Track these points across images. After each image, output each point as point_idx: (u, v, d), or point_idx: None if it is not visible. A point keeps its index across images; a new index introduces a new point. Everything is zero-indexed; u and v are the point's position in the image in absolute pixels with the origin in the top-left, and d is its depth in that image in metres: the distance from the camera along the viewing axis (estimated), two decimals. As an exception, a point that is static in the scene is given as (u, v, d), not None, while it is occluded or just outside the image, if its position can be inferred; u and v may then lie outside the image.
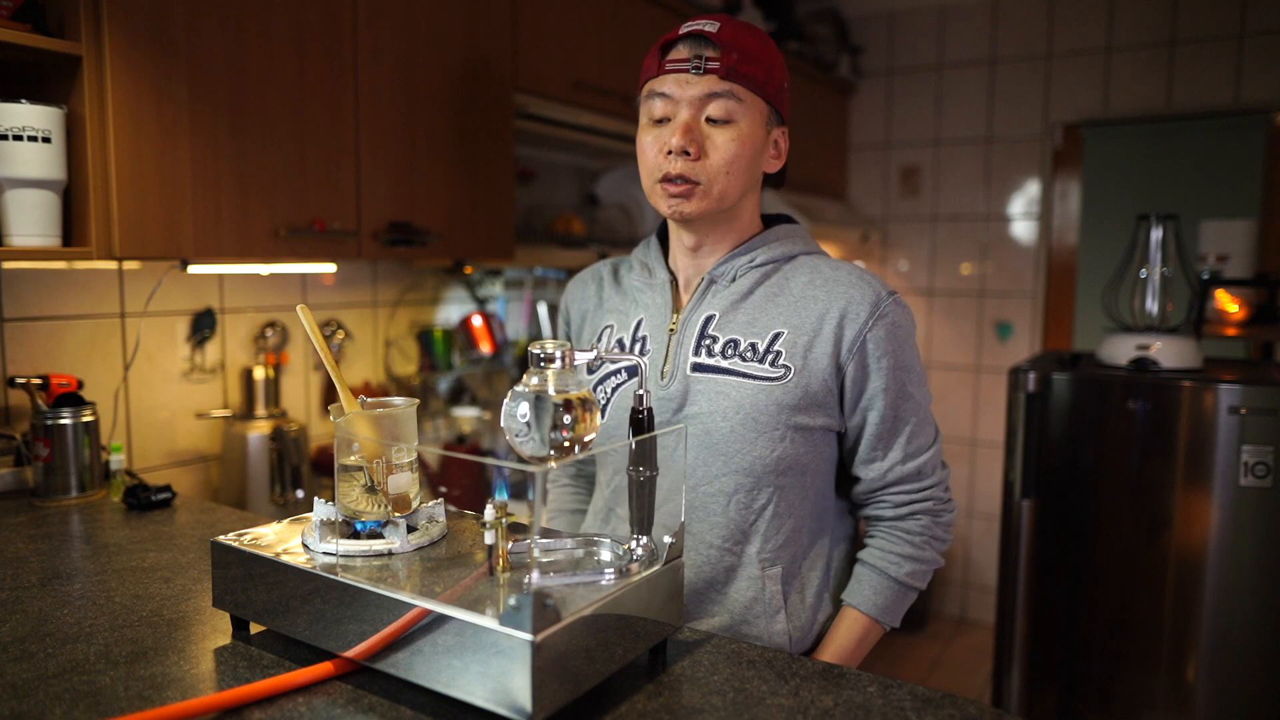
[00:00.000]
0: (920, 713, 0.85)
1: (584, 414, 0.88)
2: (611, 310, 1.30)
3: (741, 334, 1.17)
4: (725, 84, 1.13)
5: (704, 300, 1.21)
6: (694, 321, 1.20)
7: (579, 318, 1.35)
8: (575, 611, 0.80)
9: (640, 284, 1.28)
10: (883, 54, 3.87)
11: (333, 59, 1.79)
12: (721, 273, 1.21)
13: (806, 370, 1.14)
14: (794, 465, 1.16)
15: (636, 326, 1.25)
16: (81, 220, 1.48)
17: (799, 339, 1.15)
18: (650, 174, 1.17)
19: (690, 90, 1.13)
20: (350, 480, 0.98)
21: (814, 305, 1.16)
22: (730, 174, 1.15)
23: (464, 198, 2.11)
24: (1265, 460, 1.98)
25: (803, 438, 1.16)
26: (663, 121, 1.16)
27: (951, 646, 3.59)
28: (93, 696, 0.86)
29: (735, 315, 1.18)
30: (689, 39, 1.14)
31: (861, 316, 1.14)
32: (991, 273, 3.72)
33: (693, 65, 1.13)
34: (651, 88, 1.17)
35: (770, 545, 1.17)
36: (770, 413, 1.14)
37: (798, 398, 1.14)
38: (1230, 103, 3.19)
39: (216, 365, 2.03)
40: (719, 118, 1.14)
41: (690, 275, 1.24)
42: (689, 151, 1.13)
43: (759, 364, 1.15)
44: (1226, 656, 2.06)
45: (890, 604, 1.20)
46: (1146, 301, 2.26)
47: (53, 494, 1.60)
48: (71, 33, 1.43)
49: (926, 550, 1.20)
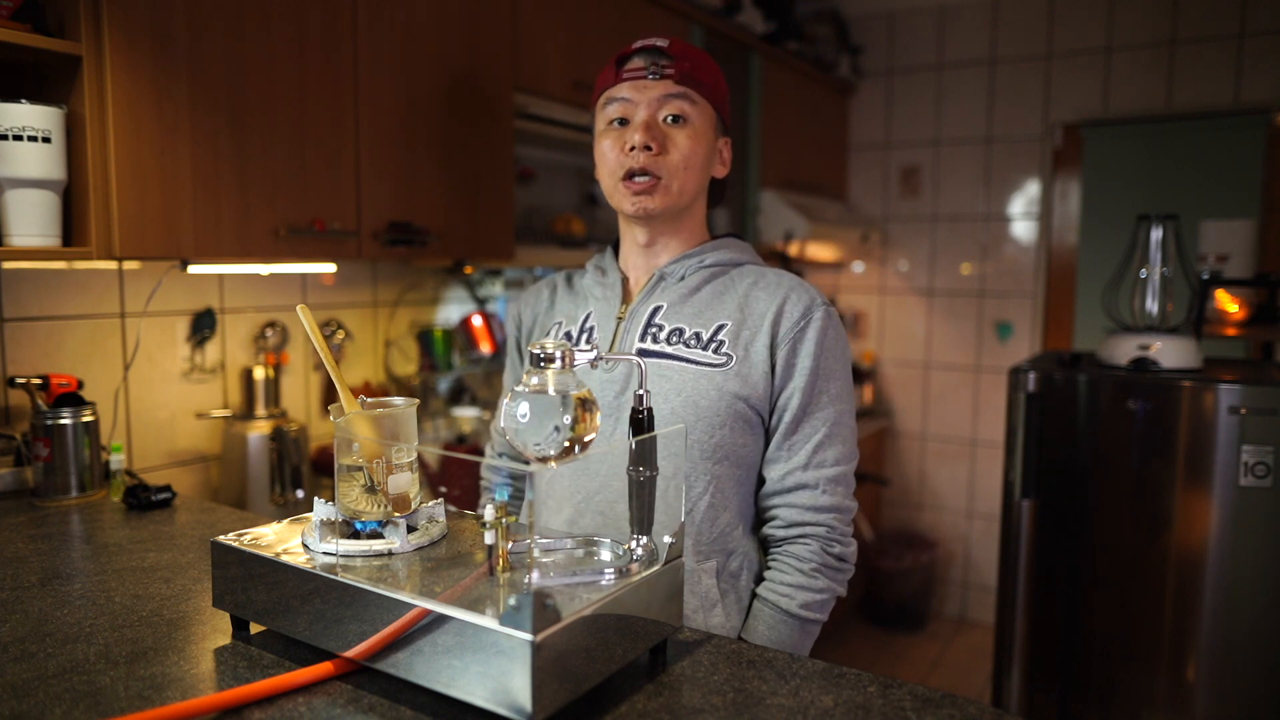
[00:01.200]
0: (920, 713, 0.85)
1: (584, 414, 0.88)
2: (561, 310, 1.36)
3: (687, 324, 1.22)
4: (680, 87, 1.21)
5: (653, 293, 1.27)
6: (642, 311, 1.26)
7: (530, 320, 1.40)
8: (575, 611, 0.80)
9: (592, 283, 1.34)
10: (883, 54, 3.87)
11: (333, 59, 1.79)
12: (672, 270, 1.27)
13: (747, 360, 1.19)
14: (730, 454, 1.19)
15: (585, 319, 1.30)
16: (81, 220, 1.48)
17: (741, 331, 1.20)
18: (613, 174, 1.24)
19: (648, 93, 1.22)
20: (350, 480, 0.98)
21: (757, 305, 1.21)
22: (688, 169, 1.22)
23: (464, 198, 2.11)
24: (1265, 460, 1.98)
25: (741, 426, 1.19)
26: (622, 123, 1.23)
27: (951, 646, 3.59)
28: (93, 696, 0.86)
29: (683, 308, 1.24)
30: (643, 52, 1.24)
31: (794, 316, 1.19)
32: (991, 273, 3.72)
33: (650, 71, 1.22)
34: (610, 95, 1.25)
35: (705, 538, 1.19)
36: (711, 397, 1.17)
37: (738, 385, 1.18)
38: (1230, 103, 3.19)
39: (216, 365, 2.03)
40: (676, 115, 1.22)
41: (641, 274, 1.31)
42: (651, 146, 1.20)
43: (702, 350, 1.20)
44: (1226, 656, 2.06)
45: (788, 638, 1.18)
46: (1146, 301, 2.26)
47: (53, 494, 1.60)
48: (71, 33, 1.43)
49: (818, 579, 1.17)
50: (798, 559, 1.18)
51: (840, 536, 1.19)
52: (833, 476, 1.18)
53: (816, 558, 1.17)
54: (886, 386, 4.01)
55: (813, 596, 1.17)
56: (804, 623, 1.18)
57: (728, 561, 1.21)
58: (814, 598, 1.17)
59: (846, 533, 1.20)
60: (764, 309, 1.20)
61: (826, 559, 1.18)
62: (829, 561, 1.18)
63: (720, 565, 1.20)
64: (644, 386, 0.96)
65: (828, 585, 1.18)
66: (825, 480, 1.18)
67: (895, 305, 3.95)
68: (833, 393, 1.19)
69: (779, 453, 1.20)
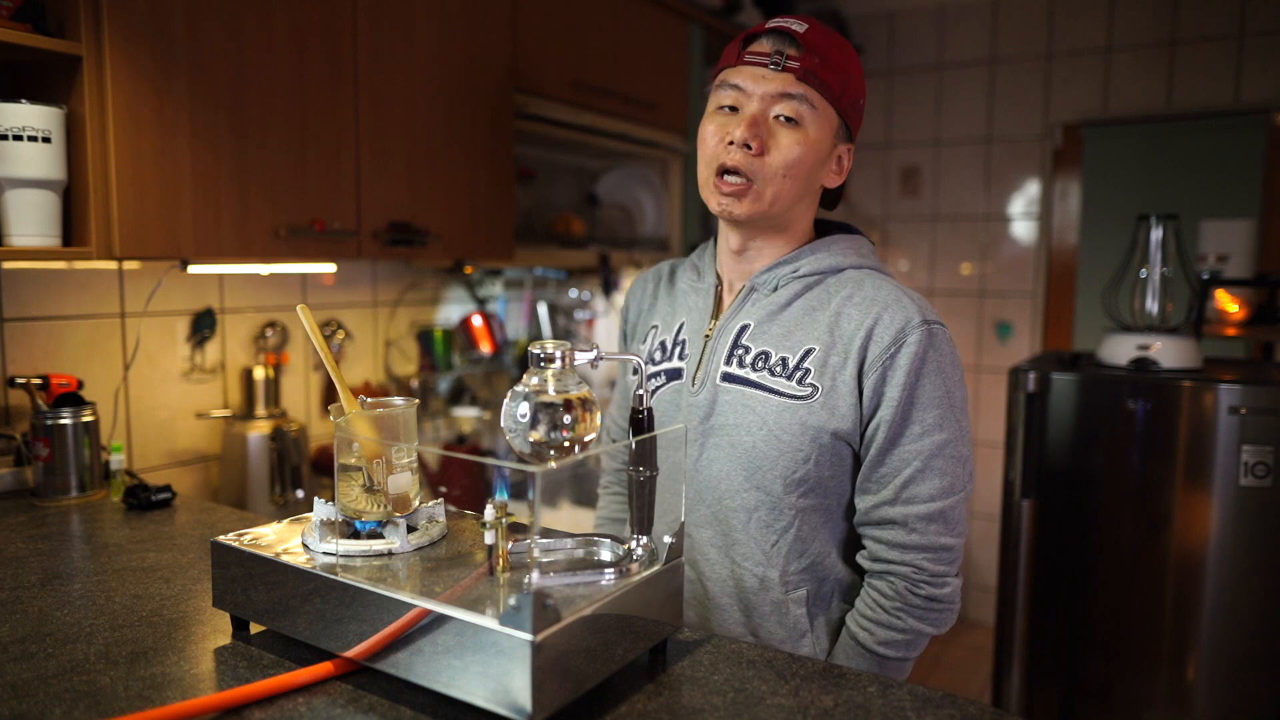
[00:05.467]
0: (920, 713, 0.85)
1: (584, 414, 0.88)
2: (659, 312, 1.30)
3: (774, 347, 1.14)
4: (801, 86, 1.10)
5: (742, 308, 1.18)
6: (729, 330, 1.18)
7: (635, 315, 1.35)
8: (575, 611, 0.80)
9: (688, 286, 1.27)
10: (883, 54, 3.87)
11: (333, 59, 1.79)
12: (763, 281, 1.17)
13: (834, 391, 1.10)
14: (816, 486, 1.13)
15: (679, 330, 1.24)
16: (81, 220, 1.48)
17: (829, 357, 1.11)
18: (708, 164, 1.14)
19: (764, 86, 1.11)
20: (350, 480, 0.98)
21: (848, 324, 1.11)
22: (788, 177, 1.12)
23: (464, 198, 2.11)
24: (1265, 460, 1.98)
25: (828, 459, 1.12)
26: (730, 111, 1.13)
27: (951, 646, 3.59)
28: (93, 696, 0.86)
29: (770, 327, 1.15)
30: (773, 34, 1.12)
31: (885, 340, 1.08)
32: (991, 273, 3.72)
33: (772, 61, 1.10)
34: (725, 77, 1.14)
35: (793, 568, 1.14)
36: (794, 431, 1.10)
37: (823, 418, 1.10)
38: (1230, 103, 3.19)
39: (216, 365, 2.03)
40: (789, 116, 1.11)
41: (734, 279, 1.22)
42: (750, 145, 1.10)
43: (787, 380, 1.12)
44: (1226, 656, 2.06)
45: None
46: (1146, 301, 2.26)
47: (53, 494, 1.60)
48: (71, 33, 1.43)
49: (901, 619, 1.10)
50: (882, 595, 1.11)
51: (931, 578, 1.09)
52: (924, 514, 1.08)
53: (900, 598, 1.10)
54: (886, 386, 4.00)
55: (894, 636, 1.10)
56: (883, 660, 1.12)
57: (819, 588, 1.16)
58: (895, 637, 1.10)
59: (942, 573, 1.10)
60: (853, 330, 1.10)
61: (911, 599, 1.10)
62: (914, 602, 1.10)
63: (811, 593, 1.15)
64: (644, 387, 0.96)
65: (912, 626, 1.10)
66: (915, 518, 1.09)
67: (895, 305, 3.95)
68: (928, 423, 1.08)
69: (868, 484, 1.12)
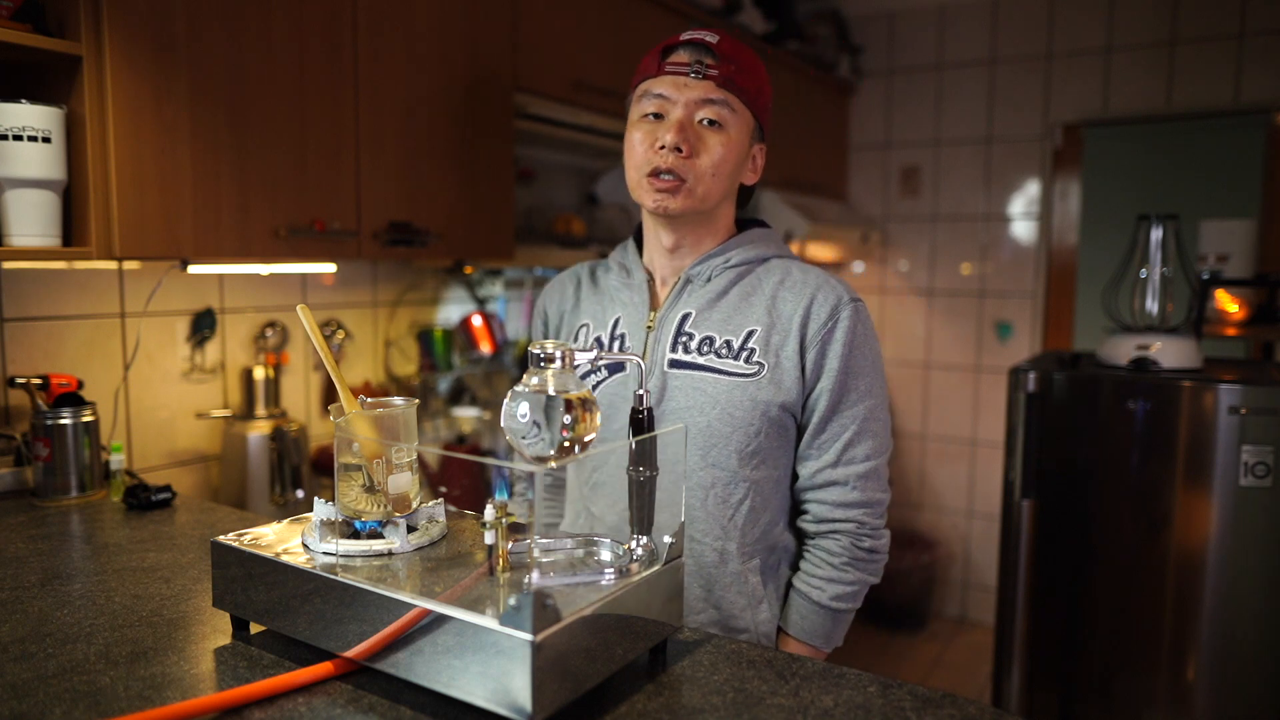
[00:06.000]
0: (920, 713, 0.85)
1: (584, 414, 0.88)
2: (587, 310, 1.33)
3: (717, 331, 1.21)
4: (721, 92, 1.18)
5: (680, 299, 1.24)
6: (671, 319, 1.24)
7: (556, 317, 1.38)
8: (575, 611, 0.80)
9: (618, 284, 1.31)
10: (883, 54, 3.87)
11: (333, 59, 1.79)
12: (698, 273, 1.24)
13: (779, 366, 1.19)
14: (767, 458, 1.21)
15: (614, 325, 1.28)
16: (81, 220, 1.48)
17: (771, 336, 1.19)
18: (639, 168, 1.21)
19: (687, 93, 1.18)
20: (350, 480, 0.98)
21: (785, 306, 1.20)
22: (716, 176, 1.19)
23: (464, 198, 2.11)
24: (1265, 460, 1.98)
25: (775, 431, 1.20)
26: (655, 118, 1.20)
27: (951, 646, 3.59)
28: (93, 696, 0.86)
29: (711, 313, 1.22)
30: (690, 46, 1.19)
31: (821, 316, 1.18)
32: (991, 273, 3.72)
33: (693, 69, 1.18)
34: (648, 87, 1.21)
35: (749, 539, 1.21)
36: (745, 407, 1.18)
37: (771, 392, 1.18)
38: (1230, 103, 3.19)
39: (216, 365, 2.03)
40: (713, 120, 1.18)
41: (667, 275, 1.28)
42: (681, 148, 1.17)
43: (734, 360, 1.19)
44: (1226, 656, 2.06)
45: (819, 628, 1.22)
46: (1146, 301, 2.26)
47: (53, 494, 1.60)
48: (71, 33, 1.43)
49: (849, 572, 1.21)
50: (829, 553, 1.21)
51: (870, 531, 1.21)
52: (863, 473, 1.20)
53: (847, 552, 1.21)
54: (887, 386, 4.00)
55: (844, 589, 1.21)
56: (835, 613, 1.22)
57: (769, 556, 1.25)
58: (845, 590, 1.21)
59: (877, 525, 1.22)
60: (791, 311, 1.19)
61: (857, 553, 1.21)
62: (859, 555, 1.21)
63: (763, 561, 1.23)
64: (644, 387, 0.96)
65: (859, 577, 1.21)
66: (855, 476, 1.20)
67: (895, 305, 3.95)
68: (861, 389, 1.20)
69: (810, 450, 1.22)
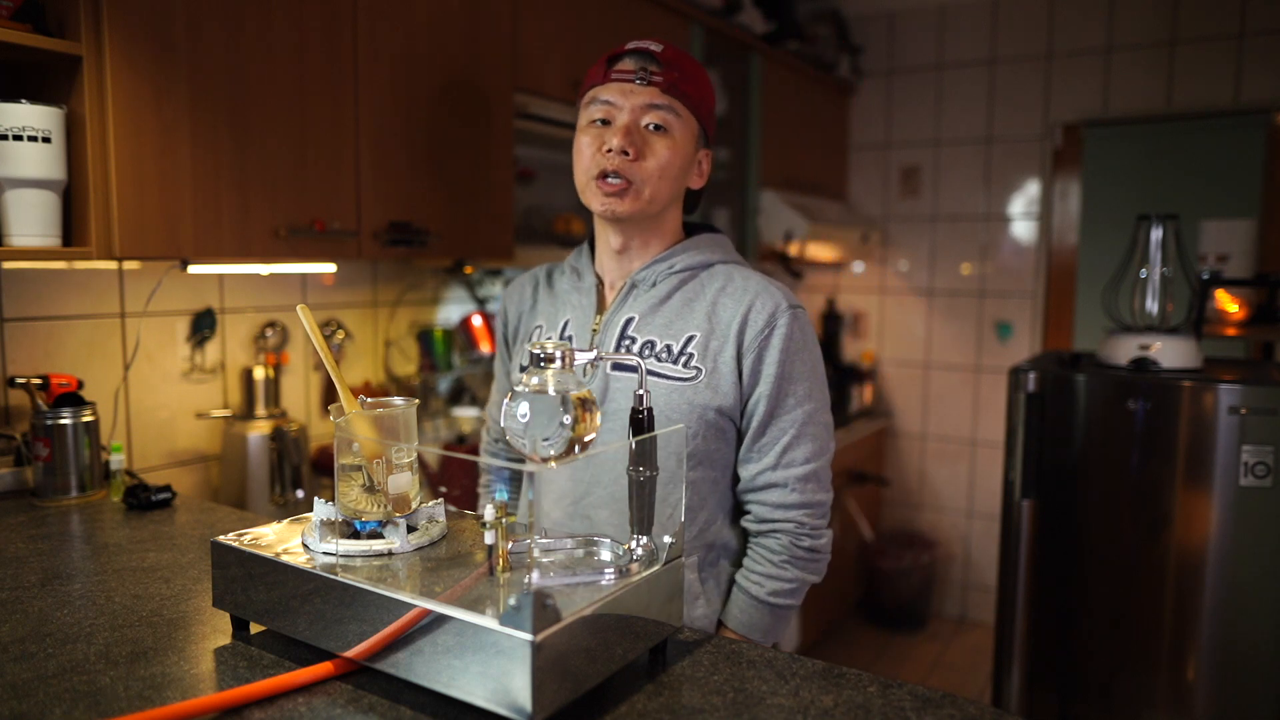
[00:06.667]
0: (920, 713, 0.85)
1: (584, 414, 0.88)
2: (542, 312, 1.38)
3: (658, 335, 1.24)
4: (665, 97, 1.22)
5: (626, 303, 1.28)
6: (615, 323, 1.27)
7: (515, 318, 1.43)
8: (575, 611, 0.80)
9: (569, 286, 1.36)
10: (883, 54, 3.87)
11: (333, 59, 1.79)
12: (643, 278, 1.28)
13: (716, 371, 1.21)
14: (704, 460, 1.24)
15: (563, 326, 1.33)
16: (81, 220, 1.48)
17: (710, 342, 1.22)
18: (586, 171, 1.24)
19: (633, 99, 1.22)
20: (350, 480, 0.98)
21: (724, 312, 1.23)
22: (662, 179, 1.23)
23: (464, 198, 2.11)
24: (1265, 460, 1.98)
25: (713, 434, 1.23)
26: (603, 124, 1.24)
27: (951, 646, 3.59)
28: (93, 696, 0.86)
29: (654, 318, 1.26)
30: (634, 54, 1.24)
31: (759, 324, 1.21)
32: (991, 273, 3.72)
33: (638, 76, 1.22)
34: (595, 94, 1.25)
35: (685, 536, 1.23)
36: (683, 410, 1.21)
37: (708, 396, 1.21)
38: (1230, 103, 3.19)
39: (216, 365, 2.03)
40: (658, 124, 1.22)
41: (615, 278, 1.32)
42: (628, 151, 1.21)
43: (673, 365, 1.22)
44: (1226, 656, 2.06)
45: (758, 623, 1.25)
46: (1146, 301, 2.26)
47: (53, 494, 1.60)
48: (71, 33, 1.43)
49: (787, 570, 1.23)
50: (769, 550, 1.24)
51: (811, 531, 1.24)
52: (802, 475, 1.22)
53: (786, 550, 1.23)
54: (886, 387, 4.01)
55: (782, 585, 1.24)
56: (774, 609, 1.24)
57: (708, 554, 1.27)
58: (783, 586, 1.24)
59: (819, 526, 1.24)
60: (730, 317, 1.22)
61: (796, 551, 1.23)
62: (798, 554, 1.24)
63: (701, 558, 1.26)
64: (644, 387, 0.96)
65: (797, 575, 1.24)
66: (794, 479, 1.22)
67: (895, 305, 3.95)
68: (800, 394, 1.23)
69: (750, 454, 1.25)
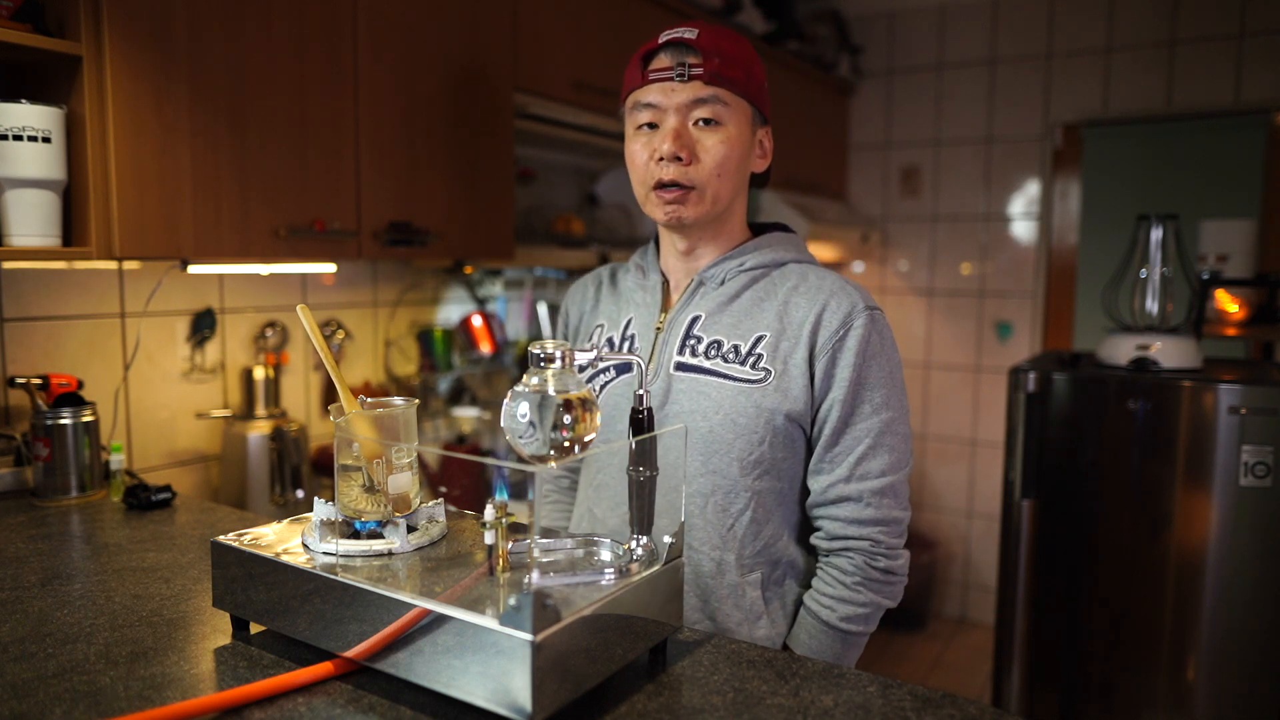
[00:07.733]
0: (920, 713, 0.85)
1: (584, 414, 0.88)
2: (604, 311, 1.33)
3: (725, 335, 1.18)
4: (710, 89, 1.14)
5: (692, 301, 1.22)
6: (681, 321, 1.21)
7: (577, 318, 1.38)
8: (575, 611, 0.80)
9: (634, 285, 1.30)
10: (883, 54, 3.87)
11: (333, 60, 1.79)
12: (711, 275, 1.22)
13: (786, 374, 1.15)
14: (771, 469, 1.16)
15: (626, 325, 1.27)
16: (81, 220, 1.48)
17: (780, 343, 1.16)
18: (643, 182, 1.19)
19: (676, 97, 1.15)
20: (350, 480, 0.98)
21: (796, 312, 1.16)
22: (722, 176, 1.16)
23: (464, 198, 2.11)
24: (1265, 460, 1.98)
25: (781, 441, 1.16)
26: (651, 128, 1.17)
27: (951, 646, 3.59)
28: (93, 696, 0.86)
29: (721, 317, 1.19)
30: (669, 47, 1.16)
31: (833, 325, 1.14)
32: (991, 273, 3.72)
33: (677, 73, 1.14)
34: (637, 98, 1.18)
35: (748, 551, 1.17)
36: (749, 414, 1.14)
37: (777, 400, 1.14)
38: (1230, 103, 3.19)
39: (216, 365, 2.03)
40: (708, 119, 1.15)
41: (681, 278, 1.26)
42: (680, 157, 1.14)
43: (740, 366, 1.16)
44: (1226, 656, 2.06)
45: (827, 649, 1.16)
46: (1146, 301, 2.26)
47: (53, 494, 1.60)
48: (71, 33, 1.43)
49: (860, 593, 1.14)
50: (841, 571, 1.15)
51: (886, 550, 1.15)
52: (878, 489, 1.14)
53: (860, 572, 1.14)
54: (886, 386, 4.00)
55: (855, 610, 1.15)
56: (845, 635, 1.16)
57: (773, 571, 1.19)
58: (856, 611, 1.15)
59: (894, 545, 1.15)
60: (802, 317, 1.15)
61: (870, 573, 1.14)
62: (873, 575, 1.14)
63: (765, 575, 1.18)
64: (644, 387, 0.96)
65: (871, 599, 1.15)
66: (869, 493, 1.14)
67: (895, 305, 3.95)
68: (876, 402, 1.14)
69: (822, 464, 1.16)
